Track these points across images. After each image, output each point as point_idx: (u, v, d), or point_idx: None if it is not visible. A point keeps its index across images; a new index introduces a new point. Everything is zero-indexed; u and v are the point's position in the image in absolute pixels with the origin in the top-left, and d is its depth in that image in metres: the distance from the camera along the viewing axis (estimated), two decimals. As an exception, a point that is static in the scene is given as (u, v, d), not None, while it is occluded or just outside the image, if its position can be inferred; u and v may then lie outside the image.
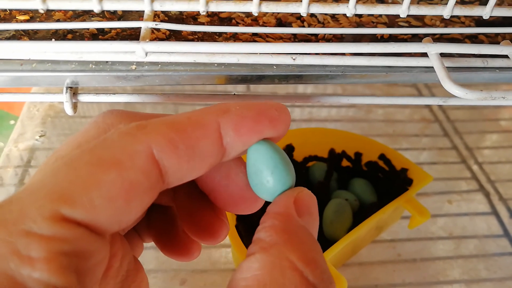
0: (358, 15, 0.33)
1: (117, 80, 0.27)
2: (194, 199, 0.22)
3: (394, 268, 0.46)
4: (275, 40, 0.29)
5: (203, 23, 0.31)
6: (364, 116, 0.66)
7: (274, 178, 0.18)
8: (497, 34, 0.32)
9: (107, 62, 0.26)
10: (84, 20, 0.30)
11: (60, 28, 0.28)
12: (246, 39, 0.29)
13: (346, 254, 0.45)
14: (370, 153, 0.48)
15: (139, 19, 0.30)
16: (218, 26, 0.29)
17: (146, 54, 0.25)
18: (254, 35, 0.30)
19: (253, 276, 0.15)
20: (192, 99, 0.29)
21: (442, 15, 0.27)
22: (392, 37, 0.31)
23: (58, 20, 0.30)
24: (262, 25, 0.31)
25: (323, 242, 0.40)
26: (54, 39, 0.28)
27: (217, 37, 0.30)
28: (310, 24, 0.32)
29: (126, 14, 0.31)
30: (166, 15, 0.31)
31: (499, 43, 0.29)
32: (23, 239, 0.13)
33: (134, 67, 0.26)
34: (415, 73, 0.29)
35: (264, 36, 0.30)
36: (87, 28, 0.28)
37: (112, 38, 0.28)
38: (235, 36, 0.30)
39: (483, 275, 0.46)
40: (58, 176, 0.14)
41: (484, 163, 0.60)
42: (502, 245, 0.49)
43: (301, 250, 0.15)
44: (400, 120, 0.66)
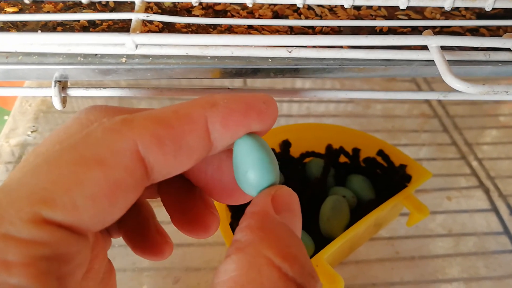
0: (357, 7, 0.32)
1: (107, 74, 0.26)
2: (182, 192, 0.21)
3: (392, 266, 0.45)
4: (271, 33, 0.29)
5: (197, 16, 0.30)
6: (363, 112, 0.66)
7: (256, 174, 0.17)
8: (498, 27, 0.32)
9: (96, 55, 0.25)
10: (74, 12, 0.29)
11: (49, 20, 0.27)
12: (241, 32, 0.28)
13: (344, 252, 0.44)
14: (368, 149, 0.47)
15: (131, 11, 0.29)
16: (212, 18, 0.28)
17: (137, 47, 0.24)
18: (250, 28, 0.29)
19: (230, 278, 0.14)
20: (185, 93, 0.28)
21: (443, 8, 0.26)
22: (391, 30, 0.31)
23: (48, 12, 0.29)
24: (258, 17, 0.30)
25: (320, 240, 0.39)
26: (43, 31, 0.27)
27: (211, 30, 0.29)
28: (307, 17, 0.31)
29: (119, 6, 0.30)
30: (160, 7, 0.30)
31: (501, 36, 0.28)
32: (1, 242, 0.12)
33: (124, 60, 0.25)
34: (415, 66, 0.28)
35: (260, 28, 0.29)
36: (78, 20, 0.27)
37: (103, 30, 0.27)
38: (230, 29, 0.29)
39: (482, 273, 0.45)
40: (38, 175, 0.14)
41: (484, 159, 0.59)
42: (502, 242, 0.48)
43: (278, 246, 0.15)
44: (399, 116, 0.65)
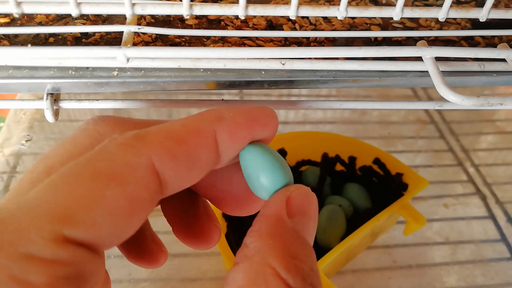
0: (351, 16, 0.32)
1: (99, 86, 0.26)
2: (185, 203, 0.21)
3: (390, 275, 0.45)
4: (265, 43, 0.28)
5: (191, 26, 0.30)
6: (359, 118, 0.65)
7: (267, 176, 0.17)
8: (494, 35, 0.31)
9: (87, 68, 0.25)
10: (67, 22, 0.29)
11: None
12: (235, 42, 0.28)
13: (340, 262, 0.44)
14: (364, 157, 0.47)
15: (124, 21, 0.29)
16: (204, 30, 0.28)
17: (128, 60, 0.24)
18: (244, 38, 0.28)
19: None
20: (178, 104, 0.28)
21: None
22: (386, 39, 0.30)
23: (40, 22, 0.29)
24: (252, 27, 0.30)
25: (317, 250, 0.38)
26: (35, 43, 0.27)
27: (205, 40, 0.28)
28: (301, 26, 0.31)
29: (111, 16, 0.30)
30: (153, 17, 0.30)
31: (496, 45, 0.28)
32: (22, 262, 0.12)
33: (116, 73, 0.25)
34: (410, 77, 0.28)
35: (254, 38, 0.28)
36: (70, 31, 0.27)
37: (95, 41, 0.27)
38: (223, 39, 0.28)
39: (479, 281, 0.45)
40: (57, 192, 0.13)
41: (481, 165, 0.59)
42: (499, 250, 0.48)
43: (283, 256, 0.15)
44: (395, 122, 0.65)
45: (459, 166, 0.58)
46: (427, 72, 0.26)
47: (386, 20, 0.32)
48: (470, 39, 0.31)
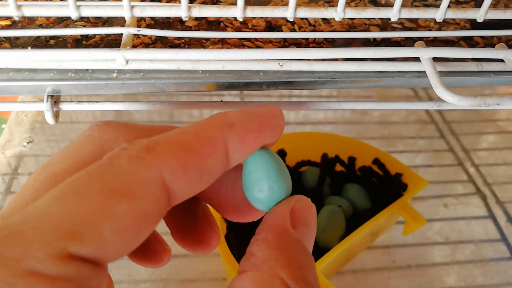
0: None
1: (99, 88, 0.26)
2: (185, 208, 0.21)
3: (389, 275, 0.45)
4: (264, 44, 0.29)
5: (190, 27, 0.30)
6: (360, 118, 0.66)
7: (268, 190, 0.18)
8: (492, 35, 0.32)
9: (87, 70, 0.25)
10: (67, 25, 0.29)
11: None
12: (234, 43, 0.28)
13: (340, 262, 0.44)
14: (364, 157, 0.47)
15: (125, 23, 0.29)
16: (203, 32, 0.28)
17: (127, 62, 0.24)
18: (243, 39, 0.29)
19: None
20: (179, 106, 0.28)
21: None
22: (385, 39, 0.30)
23: (41, 25, 0.29)
24: (252, 28, 0.30)
25: (316, 251, 0.38)
26: (36, 45, 0.27)
27: (204, 41, 0.29)
28: (300, 27, 0.31)
29: (112, 18, 0.30)
30: (153, 19, 0.30)
31: (495, 45, 0.28)
32: (27, 279, 0.12)
33: (115, 75, 0.25)
34: (408, 78, 0.28)
35: (253, 40, 0.29)
36: (70, 34, 0.27)
37: (96, 43, 0.27)
38: (223, 40, 0.29)
39: (479, 281, 0.45)
40: (64, 206, 0.13)
41: (481, 165, 0.59)
42: (499, 250, 0.48)
43: (291, 267, 0.15)
44: (396, 122, 0.65)
45: (460, 166, 0.58)
46: (425, 72, 0.26)
47: (385, 20, 0.32)
48: (469, 39, 0.31)
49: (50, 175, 0.16)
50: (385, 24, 0.32)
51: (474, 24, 0.33)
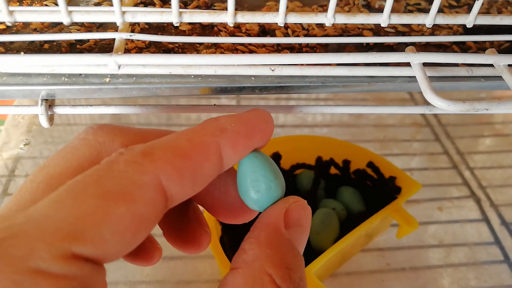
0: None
1: (92, 92, 0.26)
2: (176, 209, 0.21)
3: (383, 277, 0.45)
4: (257, 49, 0.29)
5: (184, 31, 0.30)
6: (356, 121, 0.66)
7: (262, 191, 0.18)
8: (484, 40, 0.32)
9: (80, 74, 0.25)
10: (62, 29, 0.30)
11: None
12: (228, 47, 0.29)
13: (334, 264, 0.44)
14: (358, 160, 0.48)
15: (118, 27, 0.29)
16: (196, 37, 0.28)
17: (119, 67, 0.24)
18: (236, 43, 0.29)
19: None
20: (172, 110, 0.29)
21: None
22: (377, 44, 0.31)
23: (36, 29, 0.29)
24: (245, 31, 0.31)
25: (310, 253, 0.39)
26: (30, 49, 0.27)
27: (198, 45, 0.29)
28: (294, 31, 0.31)
29: (106, 22, 0.30)
30: (147, 23, 0.31)
31: (487, 49, 0.29)
32: (32, 277, 0.12)
33: (108, 79, 0.25)
34: (399, 83, 0.28)
35: (247, 44, 0.29)
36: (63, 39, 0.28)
37: (90, 47, 0.28)
38: (216, 44, 0.29)
39: (473, 284, 0.45)
40: (65, 209, 0.14)
41: (476, 168, 0.59)
42: (492, 253, 0.49)
43: (280, 266, 0.16)
44: (391, 125, 0.66)
45: (454, 169, 0.59)
46: (416, 77, 0.26)
47: (378, 24, 0.33)
48: (461, 44, 0.32)
49: (47, 177, 0.17)
50: (378, 28, 0.33)
51: (466, 28, 0.33)
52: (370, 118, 0.67)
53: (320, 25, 0.32)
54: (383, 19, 0.26)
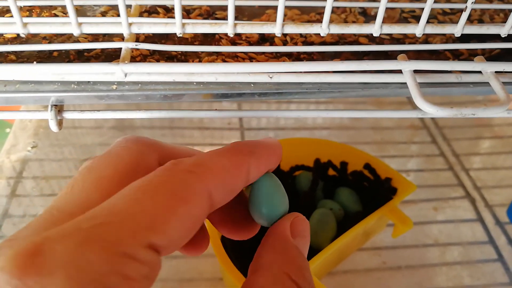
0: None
1: (100, 99, 0.28)
2: None
3: (379, 276, 0.46)
4: (257, 56, 0.30)
5: (187, 39, 0.32)
6: (353, 124, 0.67)
7: (271, 208, 0.21)
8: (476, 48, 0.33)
9: (88, 82, 0.27)
10: (70, 37, 0.31)
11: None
12: (229, 54, 0.30)
13: (332, 263, 0.45)
14: (355, 162, 0.49)
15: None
16: (198, 46, 0.29)
17: (126, 75, 0.26)
18: (236, 51, 0.30)
19: None
20: (175, 115, 0.30)
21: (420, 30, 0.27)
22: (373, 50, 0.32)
23: (45, 37, 0.31)
24: (245, 39, 0.32)
25: (308, 252, 0.40)
26: (40, 57, 0.29)
27: (200, 52, 0.30)
28: (292, 38, 0.32)
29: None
30: (151, 31, 0.32)
31: (478, 55, 0.30)
32: (122, 259, 0.15)
33: (115, 87, 0.27)
34: (392, 88, 0.29)
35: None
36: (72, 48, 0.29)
37: (97, 55, 0.29)
38: (217, 52, 0.30)
39: (466, 282, 0.46)
40: (142, 205, 0.16)
41: (471, 169, 0.60)
42: (486, 251, 0.50)
43: (294, 266, 0.19)
44: (389, 127, 0.67)
45: (450, 170, 0.60)
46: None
47: (373, 31, 0.34)
48: (454, 49, 0.33)
49: (98, 177, 0.19)
50: (374, 35, 0.34)
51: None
52: (368, 121, 0.68)
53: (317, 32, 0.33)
54: (375, 30, 0.27)
